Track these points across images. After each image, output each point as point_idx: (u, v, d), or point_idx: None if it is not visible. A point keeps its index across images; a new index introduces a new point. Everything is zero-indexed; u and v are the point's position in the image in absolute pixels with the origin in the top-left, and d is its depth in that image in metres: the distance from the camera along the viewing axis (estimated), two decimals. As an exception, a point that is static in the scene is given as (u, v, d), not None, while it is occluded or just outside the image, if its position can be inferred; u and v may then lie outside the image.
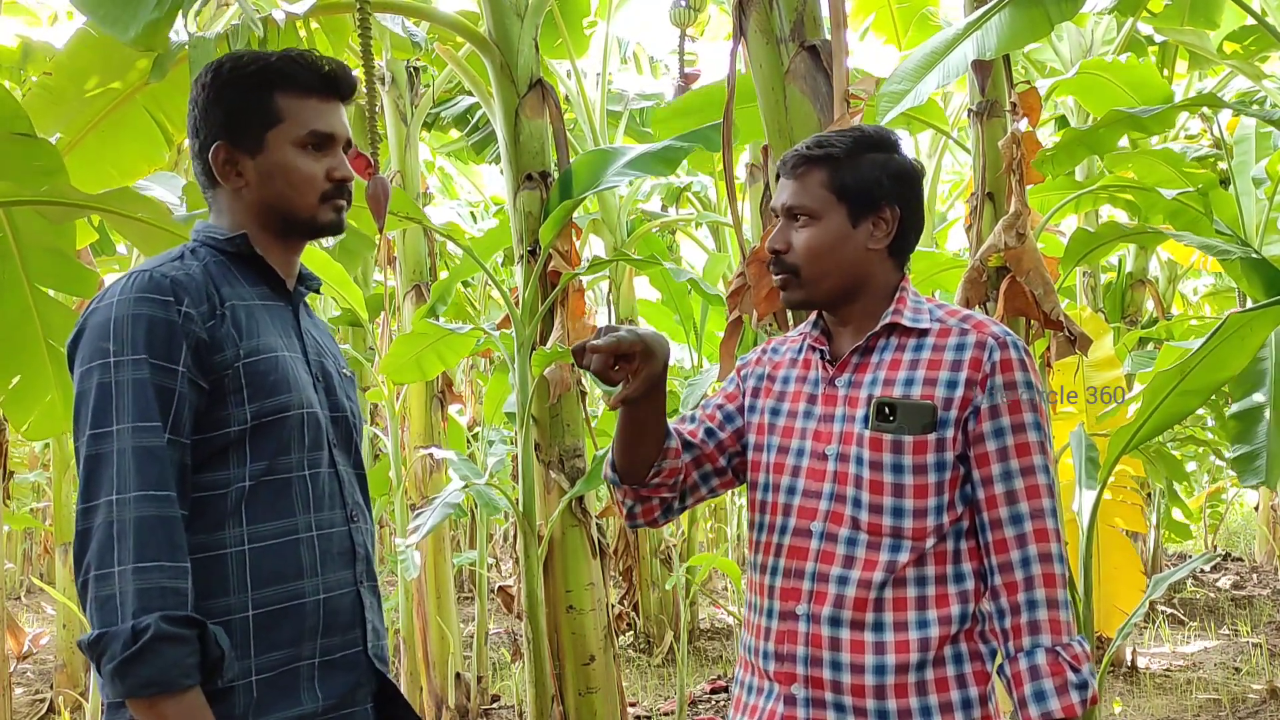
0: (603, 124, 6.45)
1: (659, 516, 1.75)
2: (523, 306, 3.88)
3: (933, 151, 6.90)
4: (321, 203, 1.57)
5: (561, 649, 3.90)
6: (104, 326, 1.42)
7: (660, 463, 1.68)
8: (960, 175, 8.65)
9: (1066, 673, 1.53)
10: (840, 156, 1.64)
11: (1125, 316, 7.42)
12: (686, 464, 1.73)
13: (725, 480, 1.78)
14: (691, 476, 1.75)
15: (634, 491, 1.71)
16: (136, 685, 1.31)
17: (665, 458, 1.68)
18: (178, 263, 1.50)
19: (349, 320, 6.68)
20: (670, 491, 1.72)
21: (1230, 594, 8.86)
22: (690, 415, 1.79)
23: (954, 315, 1.65)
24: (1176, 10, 4.75)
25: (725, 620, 8.21)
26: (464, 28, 3.99)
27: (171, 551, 1.36)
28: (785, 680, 1.60)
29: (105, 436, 1.38)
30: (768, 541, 1.66)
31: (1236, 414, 3.56)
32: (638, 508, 1.74)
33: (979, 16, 2.77)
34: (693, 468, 1.74)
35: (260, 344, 1.50)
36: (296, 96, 1.56)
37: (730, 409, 1.77)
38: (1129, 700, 5.68)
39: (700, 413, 1.78)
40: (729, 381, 1.82)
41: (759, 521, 1.69)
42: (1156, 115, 3.35)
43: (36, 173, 2.83)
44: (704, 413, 1.78)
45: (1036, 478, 1.59)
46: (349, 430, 1.64)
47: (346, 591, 1.55)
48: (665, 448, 1.68)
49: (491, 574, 8.69)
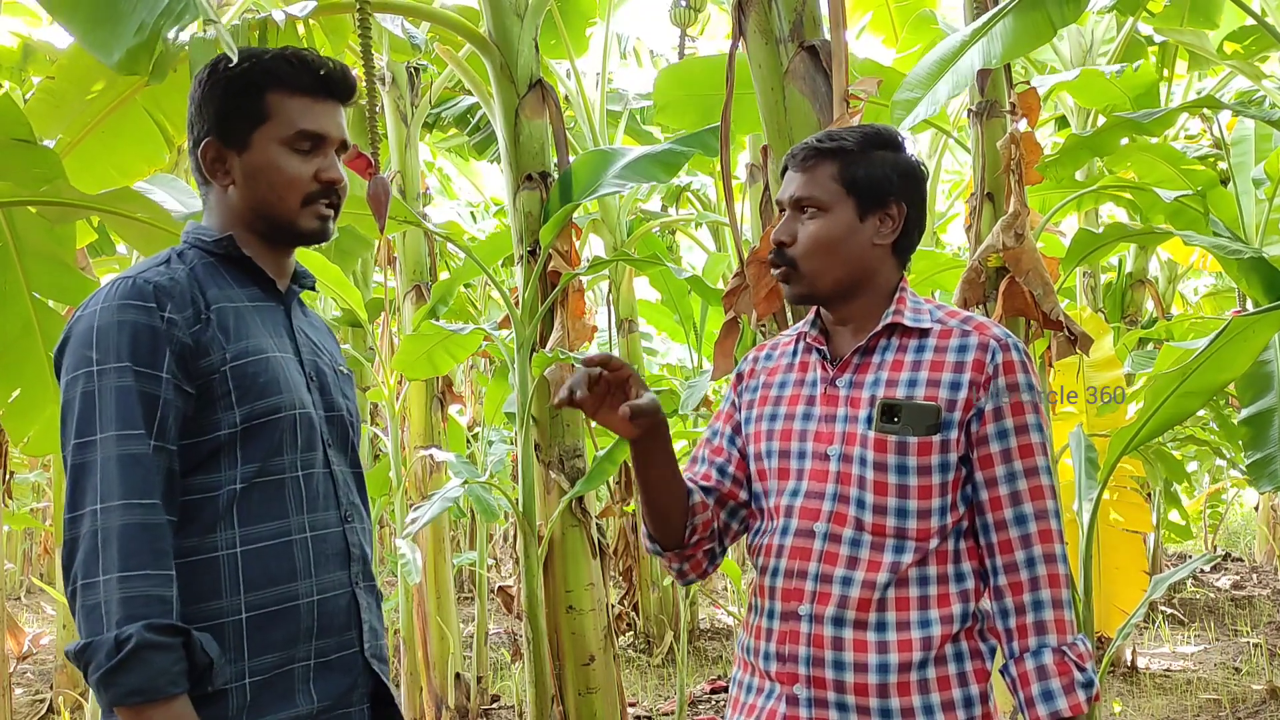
0: (602, 124, 6.45)
1: (708, 567, 1.77)
2: (523, 307, 3.88)
3: (933, 151, 6.89)
4: (304, 206, 1.55)
5: (561, 649, 3.90)
6: (87, 335, 1.42)
7: (692, 520, 1.69)
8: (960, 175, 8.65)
9: (1073, 672, 1.54)
10: (852, 150, 1.64)
11: (1125, 316, 7.42)
12: (713, 507, 1.73)
13: (752, 511, 1.77)
14: (721, 519, 1.75)
15: (679, 555, 1.72)
16: (122, 694, 1.31)
17: (696, 514, 1.69)
18: (163, 268, 1.49)
19: (349, 321, 6.68)
20: (711, 541, 1.73)
21: (1230, 594, 8.85)
22: (697, 456, 1.79)
23: (954, 316, 1.66)
24: (1176, 10, 4.75)
25: (725, 620, 8.21)
26: (464, 28, 3.98)
27: (156, 559, 1.35)
28: (787, 681, 1.60)
29: (89, 445, 1.38)
30: (769, 543, 1.65)
31: (1247, 419, 3.55)
32: (686, 566, 1.75)
33: (984, 23, 2.77)
34: (719, 509, 1.74)
35: (249, 346, 1.49)
36: (287, 95, 1.54)
37: (729, 432, 1.77)
38: (1129, 700, 5.68)
39: (705, 451, 1.78)
40: (725, 400, 1.82)
41: (759, 524, 1.69)
42: (1157, 118, 3.35)
43: (36, 179, 2.82)
44: (709, 449, 1.77)
45: (1040, 479, 1.60)
46: (345, 429, 1.63)
47: (341, 592, 1.54)
48: (692, 504, 1.69)
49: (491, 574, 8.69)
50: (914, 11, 5.90)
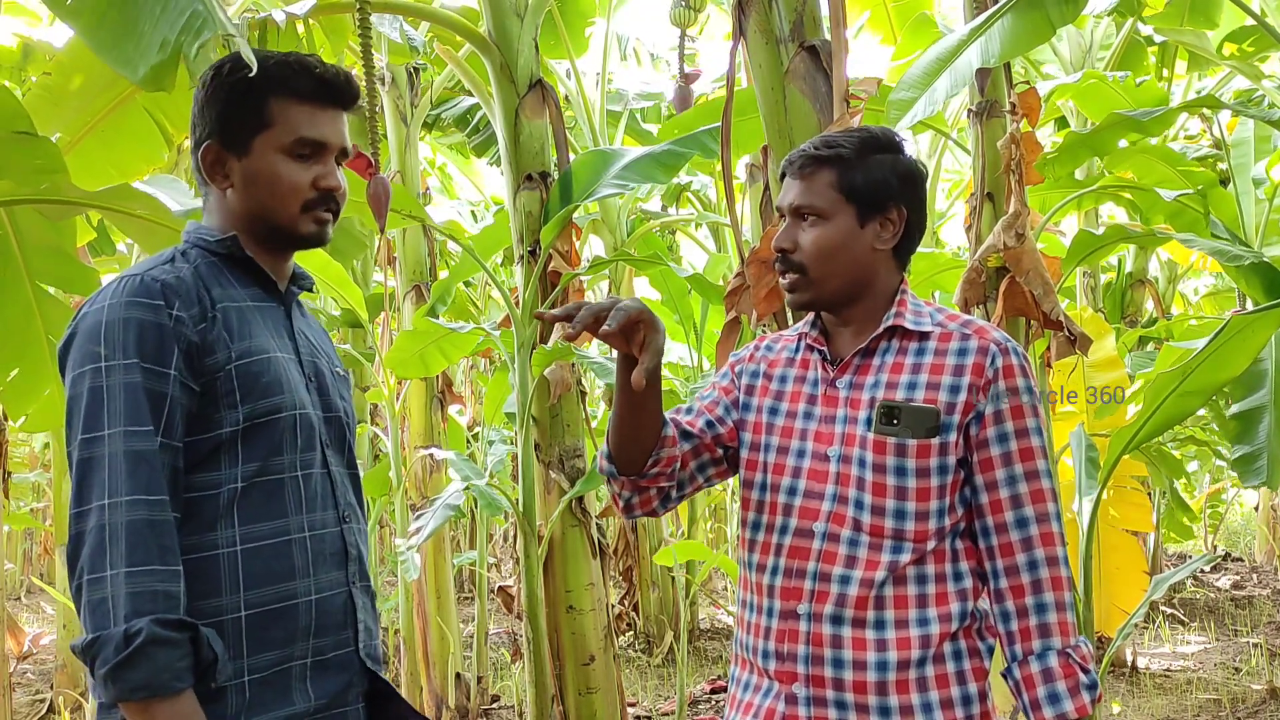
0: (602, 124, 6.45)
1: (657, 507, 1.73)
2: (523, 306, 3.88)
3: (933, 151, 6.89)
4: (303, 212, 1.55)
5: (561, 649, 3.90)
6: (95, 331, 1.42)
7: (658, 452, 1.66)
8: (960, 175, 8.64)
9: (1078, 674, 1.55)
10: (849, 156, 1.64)
11: (1125, 316, 7.43)
12: (684, 453, 1.71)
13: (720, 470, 1.76)
14: (689, 466, 1.73)
15: (632, 483, 1.69)
16: (128, 689, 1.31)
17: (663, 446, 1.66)
18: (168, 266, 1.49)
19: (349, 320, 6.67)
20: (668, 480, 1.70)
21: (1230, 594, 8.86)
22: (687, 407, 1.77)
23: (954, 320, 1.66)
24: (1176, 11, 4.75)
25: (725, 620, 8.21)
26: (464, 28, 3.99)
27: (163, 555, 1.36)
28: (786, 679, 1.60)
29: (97, 440, 1.38)
30: (766, 541, 1.65)
31: (1237, 415, 3.57)
32: (635, 498, 1.71)
33: (983, 22, 2.77)
34: (690, 457, 1.72)
35: (252, 345, 1.49)
36: (290, 102, 1.54)
37: (727, 402, 1.76)
38: (1129, 700, 5.68)
39: (699, 404, 1.77)
40: (722, 375, 1.80)
41: (756, 521, 1.68)
42: (1157, 118, 3.35)
43: (37, 171, 2.83)
44: (702, 404, 1.76)
45: (1040, 481, 1.60)
46: (342, 431, 1.63)
47: (339, 592, 1.54)
48: (663, 436, 1.66)
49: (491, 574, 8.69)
50: (912, 11, 5.90)
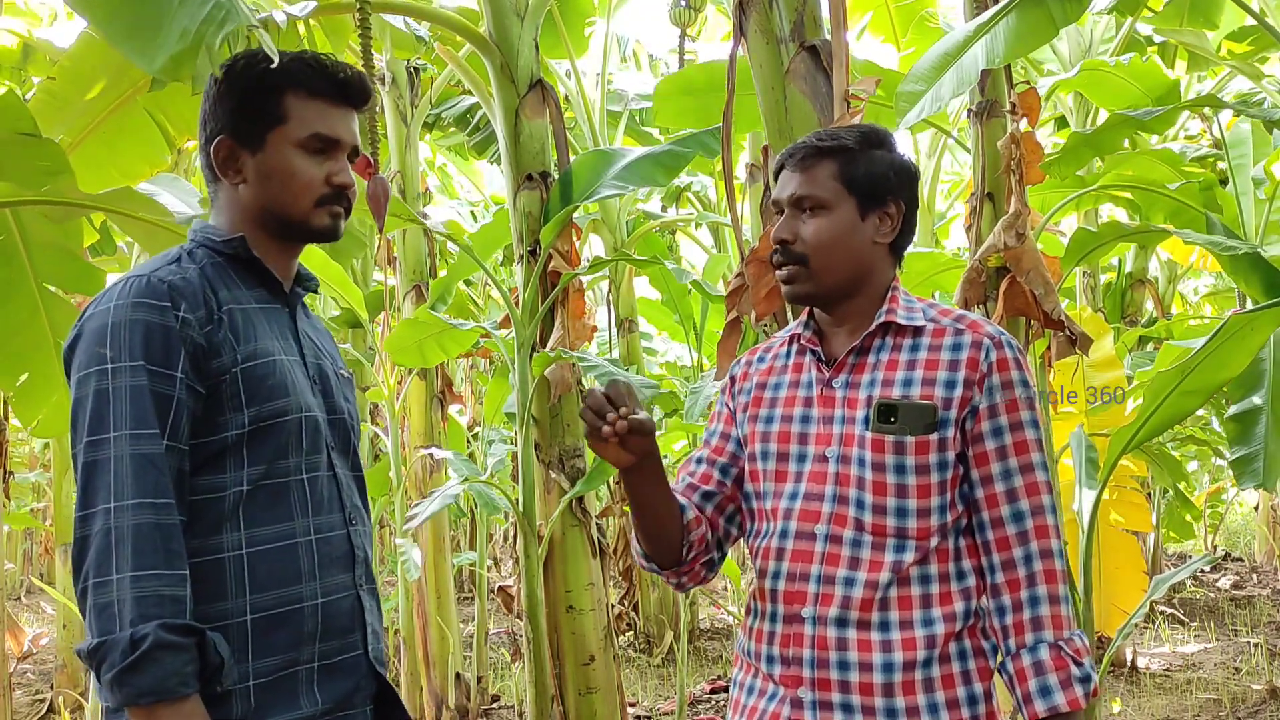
0: (602, 124, 6.45)
1: (706, 575, 1.77)
2: (523, 306, 3.88)
3: (933, 151, 6.89)
4: (317, 207, 1.55)
5: (561, 649, 3.90)
6: (101, 332, 1.41)
7: (687, 537, 1.68)
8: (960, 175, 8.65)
9: (1070, 667, 1.54)
10: (852, 148, 1.65)
11: (1125, 316, 7.43)
12: (710, 515, 1.73)
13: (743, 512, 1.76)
14: (720, 527, 1.74)
15: (675, 572, 1.73)
16: (135, 694, 1.31)
17: (690, 531, 1.68)
18: (174, 266, 1.49)
19: (349, 320, 6.68)
20: (708, 554, 1.73)
21: (1230, 594, 8.86)
22: (697, 456, 1.78)
23: (947, 315, 1.66)
24: (1176, 10, 4.75)
25: (725, 620, 8.22)
26: (464, 28, 3.99)
27: (169, 559, 1.35)
28: (791, 684, 1.59)
29: (102, 443, 1.37)
30: (768, 546, 1.64)
31: (1235, 416, 3.57)
32: (685, 579, 1.75)
33: (987, 20, 2.78)
34: (717, 516, 1.74)
35: (258, 348, 1.49)
36: (305, 98, 1.55)
37: (735, 437, 1.76)
38: (1129, 700, 5.68)
39: (706, 450, 1.77)
40: (719, 403, 1.81)
41: (757, 527, 1.68)
42: (1159, 116, 3.36)
43: (41, 172, 2.84)
44: (710, 450, 1.77)
45: (1035, 475, 1.60)
46: (347, 433, 1.63)
47: (345, 595, 1.54)
48: (685, 522, 1.68)
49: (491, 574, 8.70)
50: (914, 12, 5.90)
